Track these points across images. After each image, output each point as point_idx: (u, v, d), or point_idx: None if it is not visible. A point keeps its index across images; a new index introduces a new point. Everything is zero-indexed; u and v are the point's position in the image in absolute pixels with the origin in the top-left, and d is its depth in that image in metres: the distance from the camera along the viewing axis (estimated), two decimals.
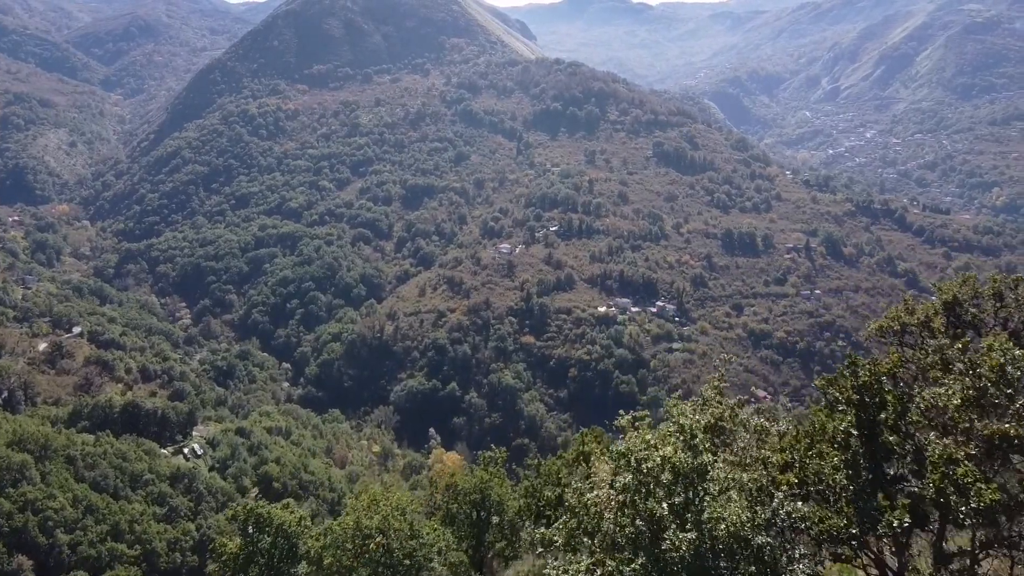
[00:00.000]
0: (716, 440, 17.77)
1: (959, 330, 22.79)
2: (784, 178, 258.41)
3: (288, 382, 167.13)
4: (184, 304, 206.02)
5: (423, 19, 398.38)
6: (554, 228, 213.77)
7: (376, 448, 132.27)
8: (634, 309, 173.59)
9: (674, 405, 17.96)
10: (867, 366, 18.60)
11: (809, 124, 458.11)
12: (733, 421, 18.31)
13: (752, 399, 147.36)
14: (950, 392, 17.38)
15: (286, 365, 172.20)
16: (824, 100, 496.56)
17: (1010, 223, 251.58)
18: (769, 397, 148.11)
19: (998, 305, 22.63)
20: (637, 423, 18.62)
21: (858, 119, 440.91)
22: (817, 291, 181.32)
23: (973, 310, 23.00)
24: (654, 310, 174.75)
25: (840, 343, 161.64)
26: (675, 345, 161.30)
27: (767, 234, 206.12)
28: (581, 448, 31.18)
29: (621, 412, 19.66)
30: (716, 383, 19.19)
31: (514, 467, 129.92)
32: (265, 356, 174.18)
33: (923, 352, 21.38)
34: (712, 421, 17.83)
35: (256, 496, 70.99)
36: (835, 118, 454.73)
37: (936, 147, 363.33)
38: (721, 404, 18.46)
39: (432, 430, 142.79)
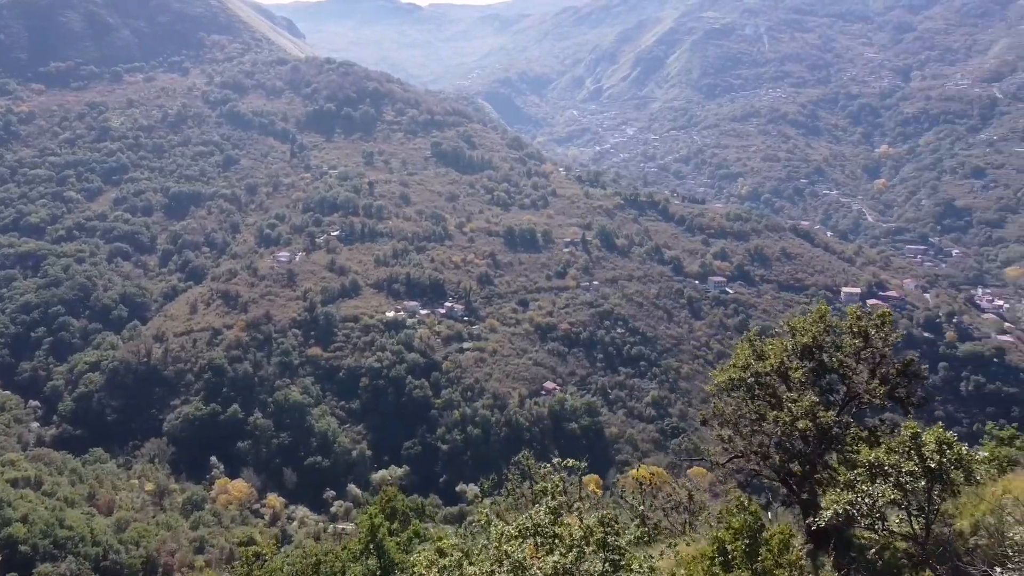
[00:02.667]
0: None
1: (822, 378, 22.06)
2: (558, 175, 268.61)
3: (38, 422, 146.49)
4: None
5: (178, 14, 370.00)
6: (336, 233, 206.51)
7: (149, 486, 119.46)
8: (423, 311, 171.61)
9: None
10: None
11: (577, 122, 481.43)
12: None
13: (543, 390, 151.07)
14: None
15: (34, 403, 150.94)
16: (589, 99, 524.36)
17: (755, 210, 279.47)
18: (559, 388, 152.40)
19: (861, 346, 22.02)
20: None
21: (620, 117, 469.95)
22: (595, 282, 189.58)
23: (838, 355, 22.27)
24: (443, 311, 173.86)
25: (620, 331, 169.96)
26: (466, 345, 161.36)
27: (546, 230, 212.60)
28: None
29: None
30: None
31: (315, 492, 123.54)
32: (7, 395, 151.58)
33: (788, 414, 19.80)
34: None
35: None
36: (600, 116, 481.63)
37: (689, 142, 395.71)
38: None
39: (214, 458, 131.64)
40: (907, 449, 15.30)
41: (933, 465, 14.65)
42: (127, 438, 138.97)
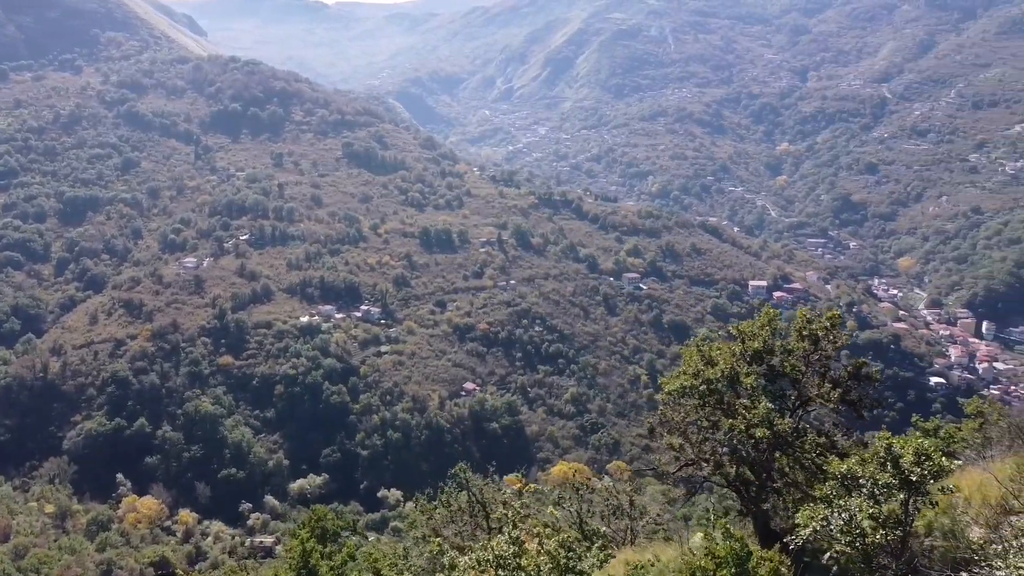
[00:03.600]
0: None
1: (773, 383, 21.93)
2: (473, 175, 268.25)
3: None
4: None
5: (69, 10, 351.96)
6: (245, 237, 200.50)
7: (50, 508, 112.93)
8: (339, 315, 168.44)
9: None
10: None
11: (489, 122, 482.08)
12: None
13: (463, 391, 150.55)
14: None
15: None
16: (500, 99, 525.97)
17: (665, 207, 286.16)
18: (478, 388, 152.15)
19: (811, 350, 22.00)
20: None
21: (532, 117, 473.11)
22: (512, 281, 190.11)
23: (790, 360, 22.06)
24: (359, 314, 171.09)
25: (538, 329, 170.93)
26: (384, 348, 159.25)
27: (462, 230, 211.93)
28: None
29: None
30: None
31: (230, 505, 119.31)
32: None
33: (742, 419, 19.46)
34: None
35: None
36: (512, 116, 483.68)
37: (599, 141, 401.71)
38: None
39: (120, 476, 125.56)
40: (882, 460, 14.74)
41: (914, 478, 14.17)
42: (24, 459, 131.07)
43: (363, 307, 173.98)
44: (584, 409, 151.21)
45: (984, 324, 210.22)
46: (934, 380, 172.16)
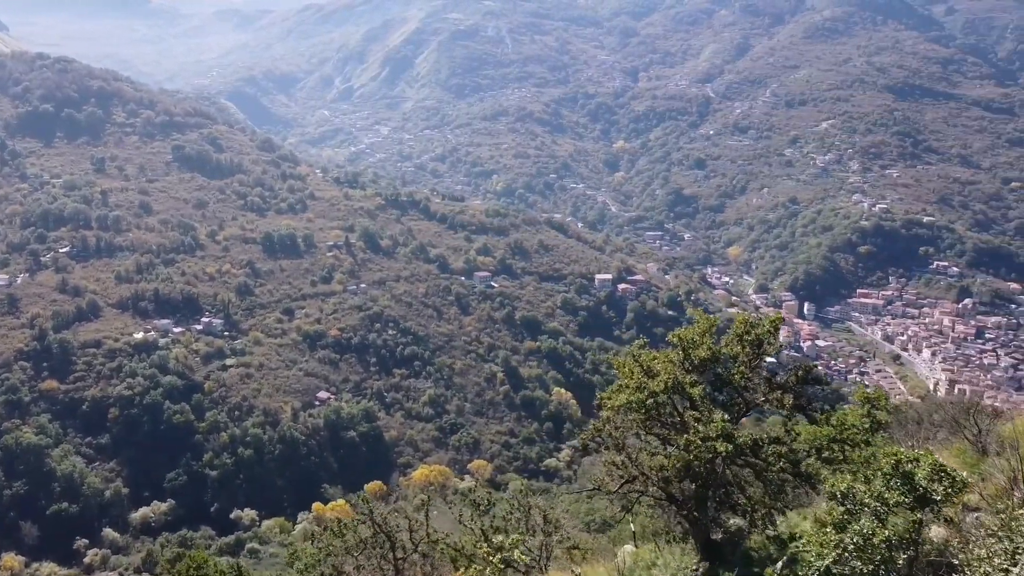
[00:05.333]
0: None
1: (720, 392, 21.56)
2: (316, 177, 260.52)
3: None
4: None
5: None
6: (65, 249, 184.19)
7: None
8: (177, 330, 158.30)
9: None
10: None
11: (329, 123, 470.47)
12: None
13: (317, 401, 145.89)
14: None
15: None
16: (340, 99, 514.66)
17: (511, 205, 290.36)
18: (333, 397, 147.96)
19: (754, 355, 21.86)
20: None
21: (373, 117, 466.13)
22: (363, 285, 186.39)
23: (739, 368, 21.71)
24: (200, 327, 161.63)
25: (391, 332, 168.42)
26: (229, 361, 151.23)
27: (307, 234, 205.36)
28: None
29: None
30: None
31: (63, 543, 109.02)
32: None
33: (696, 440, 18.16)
34: None
35: None
36: (352, 116, 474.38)
37: (443, 141, 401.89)
38: None
39: None
40: (889, 476, 13.62)
41: (938, 497, 13.08)
42: None
43: (204, 319, 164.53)
44: (442, 410, 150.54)
45: (805, 305, 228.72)
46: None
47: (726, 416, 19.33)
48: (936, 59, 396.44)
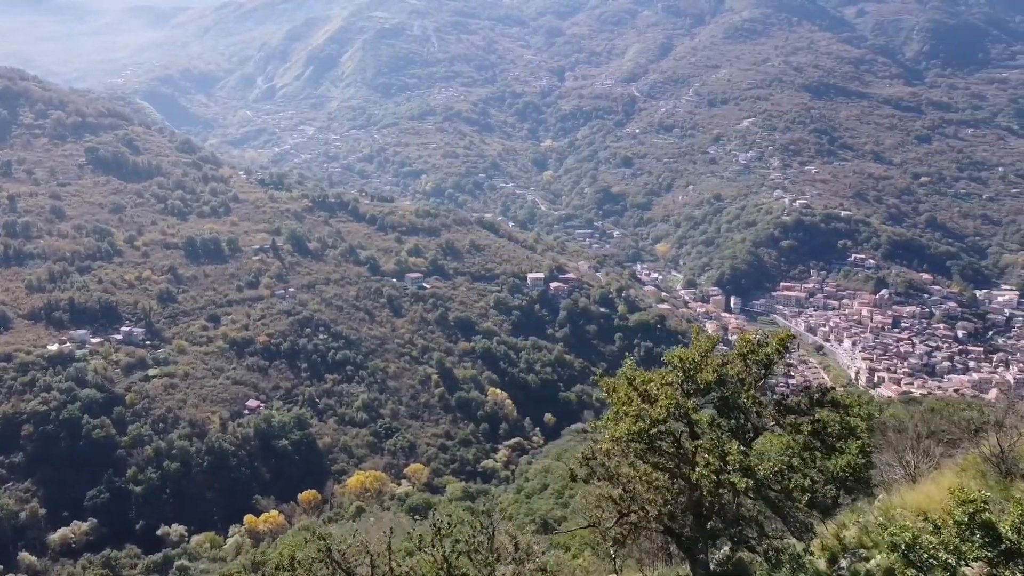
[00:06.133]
0: None
1: (728, 418, 20.10)
2: (239, 179, 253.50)
3: None
4: None
5: None
6: None
7: None
8: (95, 340, 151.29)
9: None
10: None
11: (252, 123, 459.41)
12: None
13: (246, 410, 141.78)
14: None
15: None
16: (262, 99, 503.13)
17: (441, 205, 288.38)
18: (263, 405, 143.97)
19: (763, 373, 20.46)
20: None
21: (297, 117, 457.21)
22: (291, 289, 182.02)
23: (749, 392, 20.14)
24: (120, 337, 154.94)
25: (322, 337, 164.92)
26: (152, 371, 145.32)
27: (232, 237, 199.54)
28: None
29: None
30: None
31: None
32: None
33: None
34: None
35: None
36: (276, 116, 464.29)
37: (370, 141, 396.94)
38: None
39: None
40: (965, 527, 12.08)
41: None
42: None
43: (124, 328, 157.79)
44: (377, 415, 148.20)
45: (732, 299, 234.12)
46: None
47: (741, 447, 17.68)
48: (848, 59, 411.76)
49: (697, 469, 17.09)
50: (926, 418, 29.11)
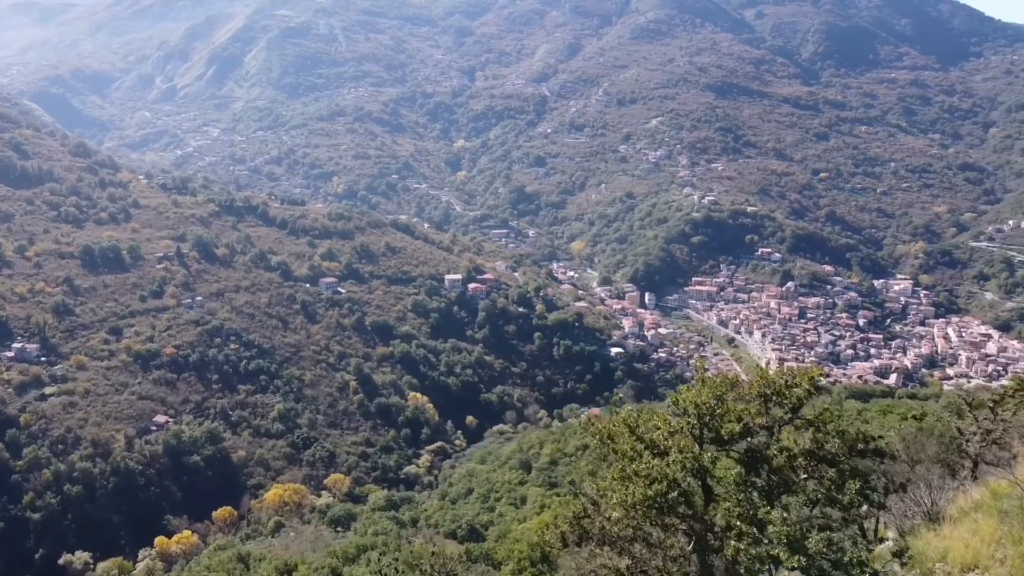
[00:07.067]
0: None
1: (756, 473, 17.76)
2: (139, 183, 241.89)
3: None
4: None
5: None
6: None
7: None
8: None
9: None
10: None
11: (152, 125, 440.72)
12: None
13: (153, 426, 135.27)
14: None
15: None
16: (162, 100, 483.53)
17: (354, 207, 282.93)
18: (172, 420, 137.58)
19: (789, 419, 18.33)
20: None
21: (200, 118, 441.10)
22: (199, 297, 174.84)
23: (785, 444, 17.03)
24: (11, 354, 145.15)
25: (233, 346, 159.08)
26: (48, 390, 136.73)
27: (133, 245, 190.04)
28: None
29: None
30: None
31: None
32: None
33: None
34: None
35: None
36: (177, 118, 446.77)
37: (278, 143, 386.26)
38: None
39: None
40: None
41: None
42: None
43: (16, 345, 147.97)
44: (294, 425, 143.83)
45: (647, 295, 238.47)
46: (614, 351, 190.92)
47: (786, 515, 14.80)
48: (749, 60, 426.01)
49: (732, 543, 14.67)
50: (920, 440, 28.03)
